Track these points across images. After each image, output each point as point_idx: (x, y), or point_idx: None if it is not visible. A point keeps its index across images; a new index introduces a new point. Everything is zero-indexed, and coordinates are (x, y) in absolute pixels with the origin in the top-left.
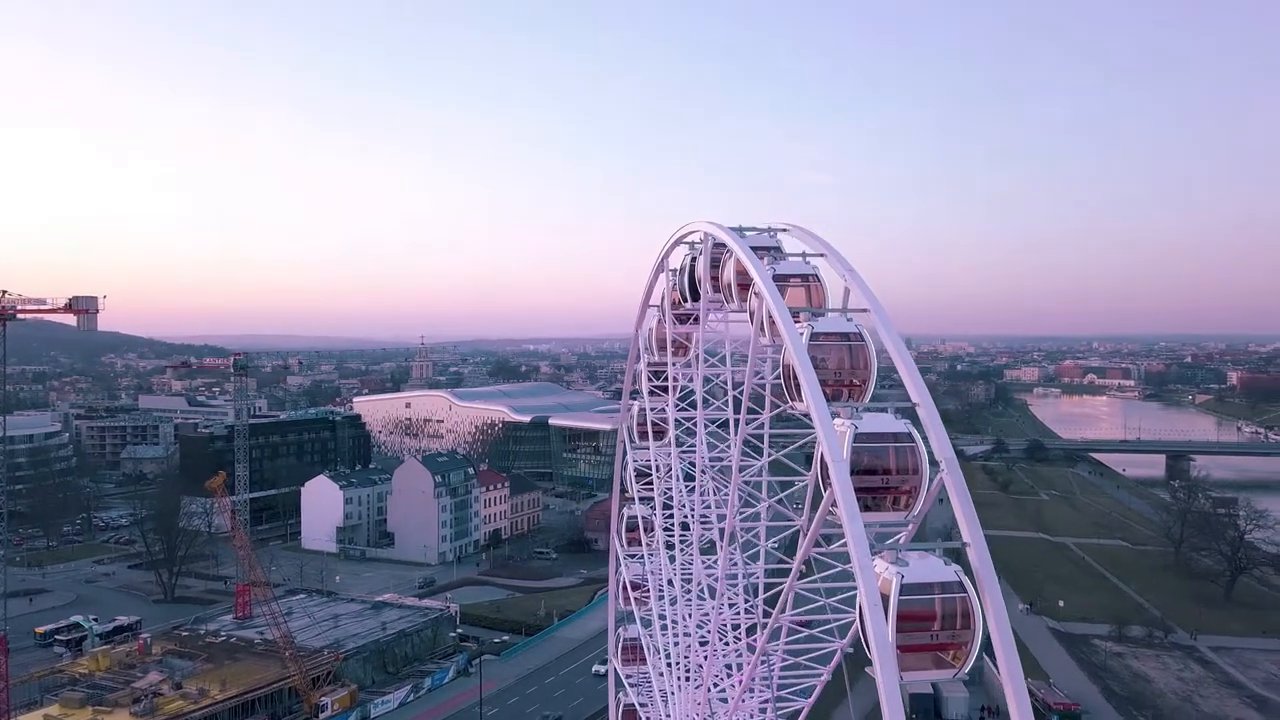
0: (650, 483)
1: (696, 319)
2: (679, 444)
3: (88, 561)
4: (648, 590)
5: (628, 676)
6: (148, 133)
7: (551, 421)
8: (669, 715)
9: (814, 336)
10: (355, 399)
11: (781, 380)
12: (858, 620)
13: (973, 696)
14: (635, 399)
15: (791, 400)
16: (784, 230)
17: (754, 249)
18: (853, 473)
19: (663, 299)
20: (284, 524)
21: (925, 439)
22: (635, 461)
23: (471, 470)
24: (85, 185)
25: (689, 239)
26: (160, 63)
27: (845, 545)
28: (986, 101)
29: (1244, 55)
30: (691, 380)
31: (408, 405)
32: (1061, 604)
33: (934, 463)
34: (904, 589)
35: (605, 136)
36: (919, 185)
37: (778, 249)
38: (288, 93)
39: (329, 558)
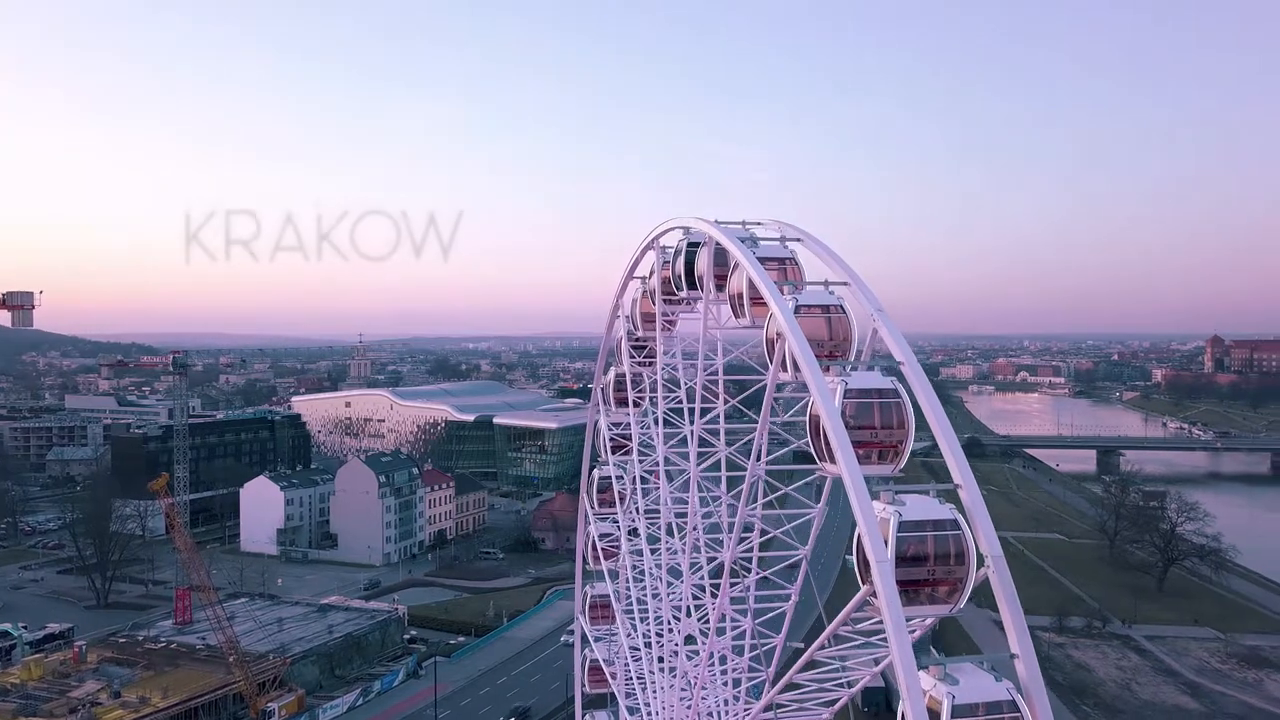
0: (624, 449)
1: (687, 301)
2: (665, 423)
3: (14, 567)
4: (616, 547)
5: (595, 636)
6: (54, 128)
7: (496, 420)
8: (648, 704)
9: (848, 393)
10: (294, 398)
11: (807, 432)
12: None
13: None
14: (611, 364)
15: (820, 461)
16: (798, 240)
17: (764, 260)
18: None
19: (651, 273)
20: (222, 526)
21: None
22: (611, 429)
23: (416, 470)
24: None
25: (685, 225)
26: (88, 60)
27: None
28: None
29: (1183, 60)
30: (671, 354)
31: (348, 404)
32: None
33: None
34: (955, 710)
35: (535, 135)
36: (849, 189)
37: (792, 261)
38: (208, 91)
39: (270, 560)
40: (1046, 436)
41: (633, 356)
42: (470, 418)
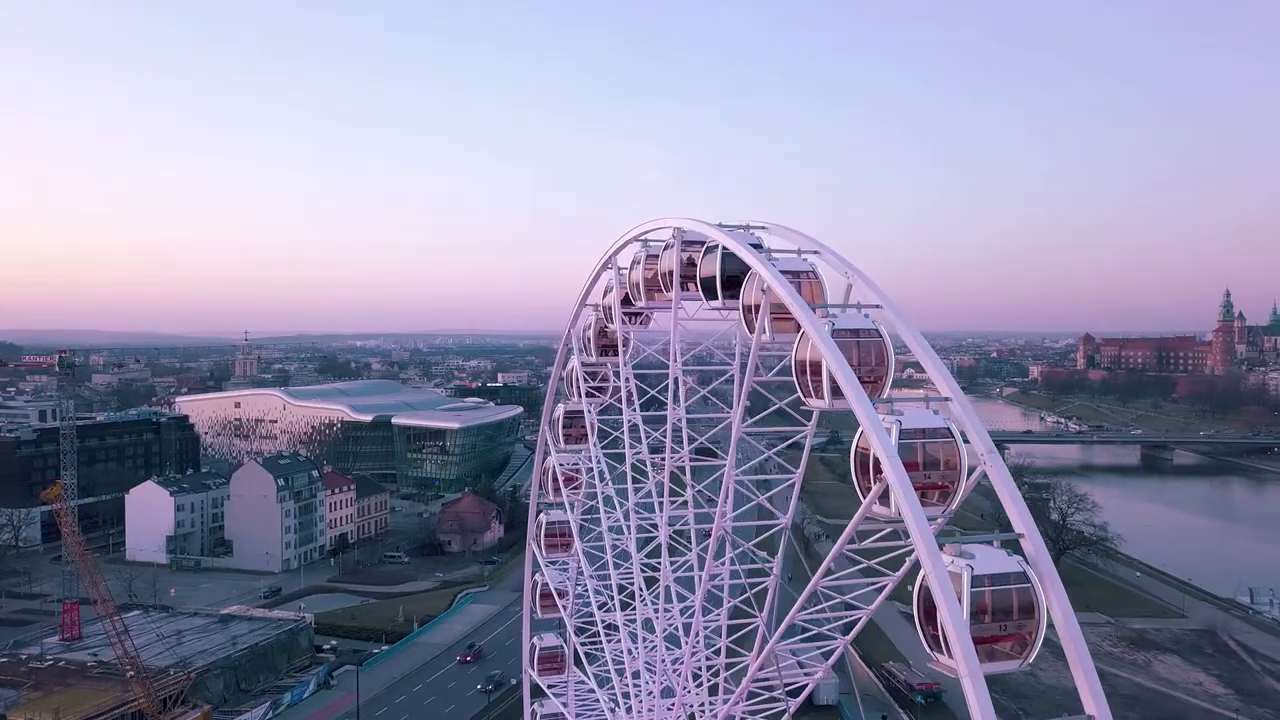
0: (594, 395)
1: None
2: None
3: None
4: (578, 482)
5: (549, 561)
6: None
7: (395, 421)
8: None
9: (976, 580)
10: (179, 399)
11: (916, 613)
12: None
13: (841, 682)
14: (595, 316)
15: (933, 651)
16: (815, 252)
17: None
18: None
19: (668, 245)
20: (105, 535)
21: None
22: (588, 382)
23: (316, 473)
24: None
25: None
26: None
27: None
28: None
29: (1044, 59)
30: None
31: (238, 405)
32: (911, 589)
33: None
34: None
35: (423, 129)
36: (727, 188)
37: (812, 274)
38: (75, 76)
39: (159, 569)
40: None
41: (625, 322)
42: (368, 418)
